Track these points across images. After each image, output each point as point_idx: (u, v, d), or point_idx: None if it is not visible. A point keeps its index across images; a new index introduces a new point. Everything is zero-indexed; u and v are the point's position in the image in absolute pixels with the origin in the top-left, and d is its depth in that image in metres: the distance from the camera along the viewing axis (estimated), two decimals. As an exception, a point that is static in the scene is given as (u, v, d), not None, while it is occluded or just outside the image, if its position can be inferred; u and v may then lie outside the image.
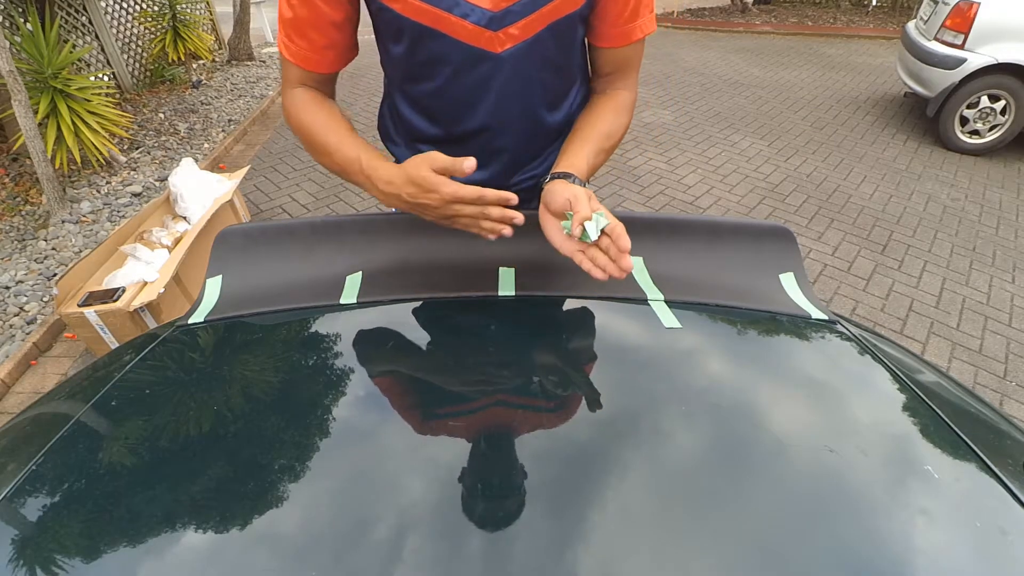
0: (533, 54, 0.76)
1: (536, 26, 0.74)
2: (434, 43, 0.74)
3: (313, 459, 0.50)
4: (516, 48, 0.75)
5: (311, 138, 0.79)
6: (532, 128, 0.85)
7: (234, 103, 4.87)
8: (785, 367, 0.64)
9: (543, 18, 0.73)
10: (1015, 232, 3.14)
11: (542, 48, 0.76)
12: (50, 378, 2.18)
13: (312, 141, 0.79)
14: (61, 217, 3.02)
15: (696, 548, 0.42)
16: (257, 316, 0.71)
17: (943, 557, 0.42)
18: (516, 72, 0.77)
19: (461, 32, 0.72)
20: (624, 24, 0.78)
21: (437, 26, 0.72)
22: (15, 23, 3.54)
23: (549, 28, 0.75)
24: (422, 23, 0.72)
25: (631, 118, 0.87)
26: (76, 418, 0.55)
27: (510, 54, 0.75)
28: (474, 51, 0.74)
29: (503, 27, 0.72)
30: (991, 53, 3.65)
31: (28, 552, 0.42)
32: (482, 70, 0.76)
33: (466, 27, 0.72)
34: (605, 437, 0.51)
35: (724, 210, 3.30)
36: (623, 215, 0.82)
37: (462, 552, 0.40)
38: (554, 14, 0.74)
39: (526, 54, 0.76)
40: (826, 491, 0.46)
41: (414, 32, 0.73)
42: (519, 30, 0.73)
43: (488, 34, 0.73)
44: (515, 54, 0.75)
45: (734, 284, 0.75)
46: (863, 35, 7.26)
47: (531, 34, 0.74)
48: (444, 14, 0.71)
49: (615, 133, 0.83)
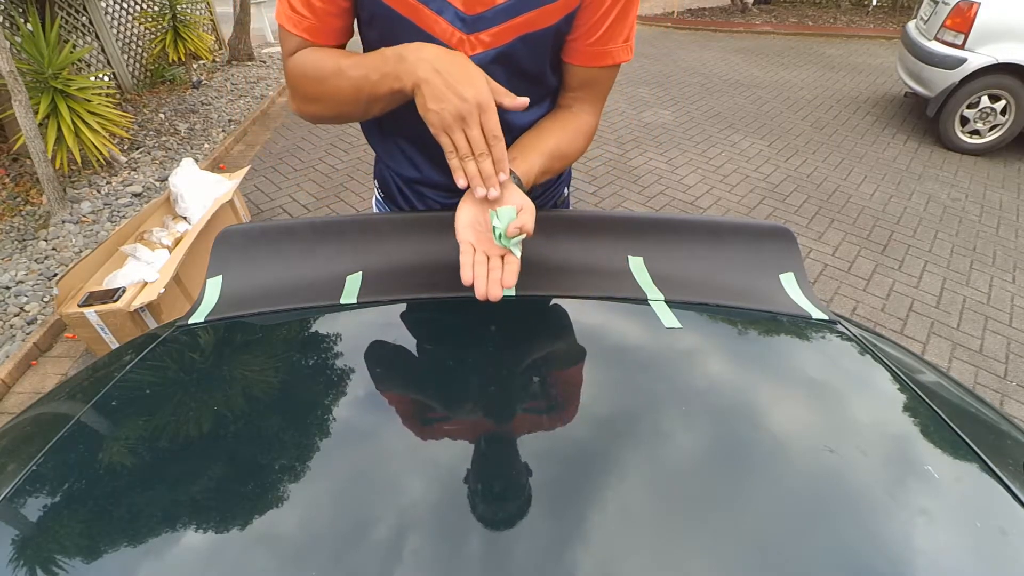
0: (503, 63, 0.75)
1: (508, 36, 0.72)
2: (405, 34, 0.72)
3: (313, 459, 0.50)
4: (484, 54, 0.73)
5: (319, 67, 0.73)
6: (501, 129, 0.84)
7: (234, 103, 4.87)
8: (785, 367, 0.64)
9: (515, 29, 0.72)
10: (1015, 232, 3.14)
11: (514, 58, 0.75)
12: (50, 378, 2.19)
13: (320, 69, 0.73)
14: (61, 217, 3.02)
15: (697, 548, 0.42)
16: (257, 316, 0.71)
17: (943, 557, 0.42)
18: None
19: (434, 27, 0.71)
20: (594, 46, 0.76)
21: (411, 16, 0.71)
22: (15, 23, 3.55)
23: (522, 39, 0.73)
24: (396, 10, 0.71)
25: (587, 145, 0.85)
26: (76, 418, 0.55)
27: (479, 60, 0.73)
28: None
29: (475, 31, 0.72)
30: (991, 53, 3.65)
31: (28, 552, 0.42)
32: None
33: (439, 23, 0.71)
34: (606, 437, 0.51)
35: (724, 210, 3.30)
36: (624, 215, 0.82)
37: (463, 553, 0.40)
38: (527, 27, 0.72)
39: (496, 62, 0.74)
40: (826, 491, 0.46)
41: (388, 19, 0.72)
42: (491, 37, 0.72)
43: (460, 35, 0.72)
44: (484, 60, 0.73)
45: (734, 284, 0.75)
46: (863, 35, 7.26)
47: (502, 43, 0.73)
48: (420, 6, 0.70)
49: (569, 155, 0.81)
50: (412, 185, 0.92)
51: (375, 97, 0.70)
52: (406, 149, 0.90)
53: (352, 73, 0.70)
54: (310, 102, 0.78)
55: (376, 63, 0.68)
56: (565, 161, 0.81)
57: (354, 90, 0.71)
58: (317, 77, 0.74)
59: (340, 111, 0.77)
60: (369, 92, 0.70)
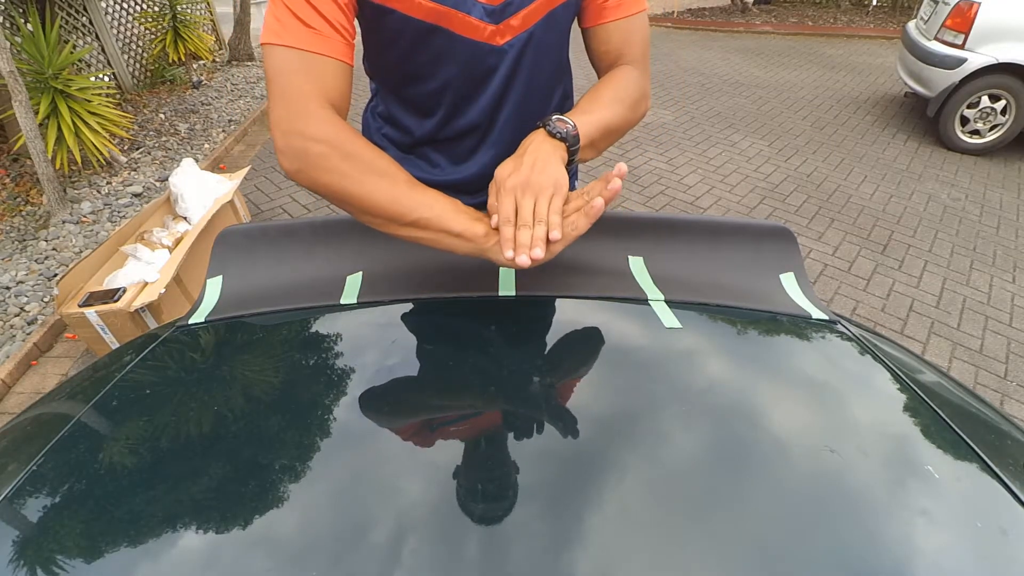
0: (532, 45, 0.77)
1: (534, 16, 0.75)
2: (439, 41, 0.74)
3: (314, 459, 0.49)
4: (516, 39, 0.76)
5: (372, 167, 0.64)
6: (523, 122, 0.84)
7: (234, 103, 4.87)
8: (786, 367, 0.64)
9: (540, 8, 0.75)
10: (1016, 232, 3.14)
11: (540, 38, 0.78)
12: (51, 378, 2.19)
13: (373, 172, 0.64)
14: (62, 217, 3.02)
15: (697, 549, 0.42)
16: (257, 316, 0.71)
17: (944, 557, 0.42)
18: (516, 64, 0.78)
19: (467, 28, 0.73)
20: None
21: (443, 23, 0.72)
22: (15, 24, 3.55)
23: (546, 18, 0.76)
24: (428, 22, 0.72)
25: (643, 92, 0.81)
26: (76, 418, 0.55)
27: (511, 45, 0.76)
28: (478, 45, 0.75)
29: (504, 19, 0.73)
30: (991, 53, 3.65)
31: (28, 552, 0.42)
32: (485, 64, 0.77)
33: (470, 22, 0.72)
34: (606, 438, 0.51)
35: (724, 210, 3.30)
36: (624, 215, 0.82)
37: (464, 553, 0.40)
38: (551, 3, 0.75)
39: (526, 45, 0.77)
40: (827, 491, 0.46)
41: (419, 32, 0.73)
42: (519, 21, 0.74)
43: (490, 28, 0.74)
44: (515, 45, 0.76)
45: (734, 284, 0.75)
46: (863, 35, 7.26)
47: (530, 24, 0.76)
48: (450, 11, 0.71)
49: (624, 95, 0.79)
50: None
51: (419, 239, 0.65)
52: (415, 154, 0.91)
53: (418, 215, 0.63)
54: (330, 179, 0.64)
55: (451, 241, 0.63)
56: (626, 97, 0.79)
57: (398, 217, 0.64)
58: (362, 177, 0.63)
59: (357, 209, 0.66)
60: (416, 236, 0.65)
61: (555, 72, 0.86)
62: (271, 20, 0.63)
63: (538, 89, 0.84)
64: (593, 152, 0.77)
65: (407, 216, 0.63)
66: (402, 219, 0.63)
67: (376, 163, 0.64)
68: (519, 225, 0.61)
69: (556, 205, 0.62)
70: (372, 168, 0.64)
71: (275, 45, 0.63)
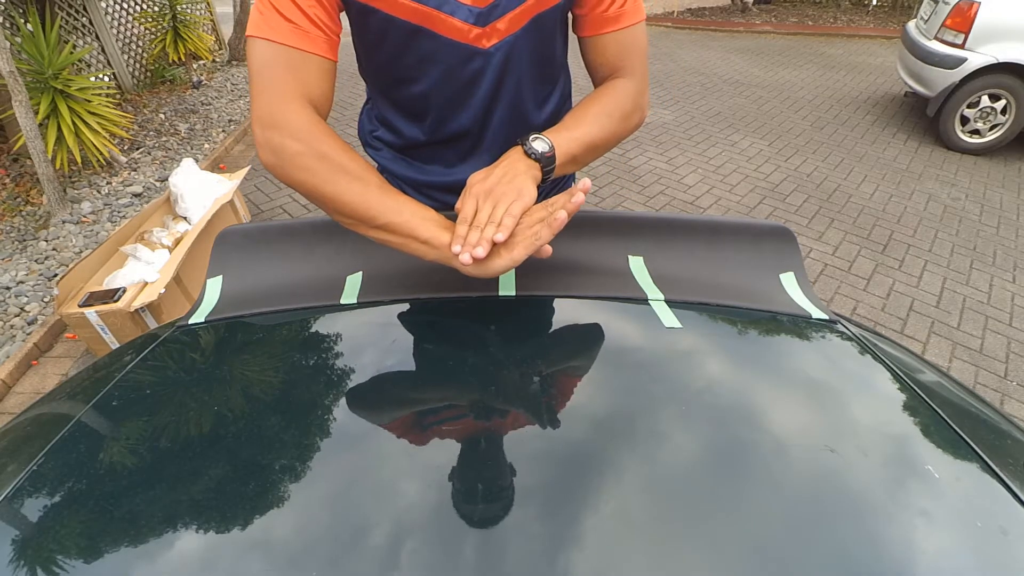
0: (519, 48, 0.76)
1: (521, 20, 0.74)
2: (424, 43, 0.73)
3: (313, 460, 0.49)
4: (503, 43, 0.75)
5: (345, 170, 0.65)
6: (517, 126, 0.84)
7: (234, 103, 4.87)
8: (786, 367, 0.64)
9: (527, 11, 0.74)
10: (1016, 231, 3.14)
11: (528, 42, 0.76)
12: (51, 378, 2.19)
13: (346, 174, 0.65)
14: (62, 217, 3.02)
15: (697, 549, 0.42)
16: (257, 316, 0.71)
17: (944, 557, 0.42)
18: (504, 67, 0.77)
19: (451, 30, 0.72)
20: (607, 10, 0.76)
21: (427, 24, 0.71)
22: (15, 24, 3.55)
23: (533, 21, 0.75)
24: (411, 22, 0.71)
25: (636, 105, 0.81)
26: (76, 418, 0.55)
27: (497, 49, 0.75)
28: (463, 48, 0.74)
29: (490, 22, 0.72)
30: (991, 52, 3.65)
31: (28, 552, 0.42)
32: (471, 67, 0.76)
33: (455, 24, 0.71)
34: (606, 438, 0.51)
35: (724, 210, 3.30)
36: (624, 215, 0.82)
37: (463, 554, 0.40)
38: (538, 6, 0.74)
39: (513, 48, 0.76)
40: (827, 491, 0.46)
41: (403, 33, 0.72)
42: (505, 24, 0.73)
43: (476, 30, 0.72)
44: (502, 48, 0.75)
45: (734, 284, 0.75)
46: (863, 35, 7.26)
47: (517, 28, 0.74)
48: (433, 12, 0.70)
49: (613, 109, 0.78)
50: (416, 187, 0.93)
51: (388, 242, 0.67)
52: (409, 157, 0.90)
53: (386, 220, 0.64)
54: (304, 176, 0.66)
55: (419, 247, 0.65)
56: (612, 113, 0.79)
57: (368, 220, 0.65)
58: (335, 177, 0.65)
59: (329, 208, 0.68)
60: (385, 239, 0.66)
61: (547, 75, 0.84)
62: (255, 13, 0.65)
63: (530, 93, 0.82)
64: (575, 166, 0.78)
65: (376, 219, 0.65)
66: (372, 222, 0.65)
67: (349, 165, 0.65)
68: (473, 225, 0.63)
69: (513, 210, 0.63)
70: (344, 170, 0.65)
71: (258, 38, 0.65)
